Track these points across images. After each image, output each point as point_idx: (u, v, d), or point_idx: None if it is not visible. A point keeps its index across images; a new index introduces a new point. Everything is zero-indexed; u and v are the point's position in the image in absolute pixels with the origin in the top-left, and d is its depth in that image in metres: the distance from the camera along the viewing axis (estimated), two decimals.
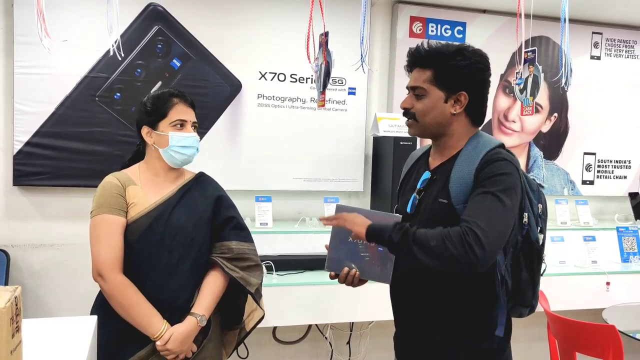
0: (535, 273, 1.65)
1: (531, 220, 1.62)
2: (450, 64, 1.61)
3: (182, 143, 1.96)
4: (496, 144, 1.63)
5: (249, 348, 3.16)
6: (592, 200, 3.98)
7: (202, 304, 1.96)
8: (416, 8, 3.54)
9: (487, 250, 1.42)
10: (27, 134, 2.93)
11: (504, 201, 1.49)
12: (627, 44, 4.02)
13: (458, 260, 1.43)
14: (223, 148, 3.25)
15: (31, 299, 3.03)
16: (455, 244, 1.43)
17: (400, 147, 3.12)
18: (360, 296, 2.88)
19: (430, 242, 1.46)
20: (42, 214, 3.05)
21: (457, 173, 1.60)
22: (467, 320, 1.62)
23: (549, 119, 3.90)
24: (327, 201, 3.28)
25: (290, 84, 3.35)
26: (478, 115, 1.69)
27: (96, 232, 1.89)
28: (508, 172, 1.53)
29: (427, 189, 1.69)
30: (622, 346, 2.35)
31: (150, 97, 2.02)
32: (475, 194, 1.52)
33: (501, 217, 1.48)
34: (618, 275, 3.33)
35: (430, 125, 1.66)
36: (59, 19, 2.91)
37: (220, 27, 3.21)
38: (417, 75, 1.66)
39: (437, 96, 1.63)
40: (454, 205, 1.57)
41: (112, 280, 1.85)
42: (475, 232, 1.42)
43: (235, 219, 2.08)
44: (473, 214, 1.47)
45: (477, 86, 1.64)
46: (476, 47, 1.67)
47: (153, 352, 1.89)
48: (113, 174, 1.99)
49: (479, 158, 1.58)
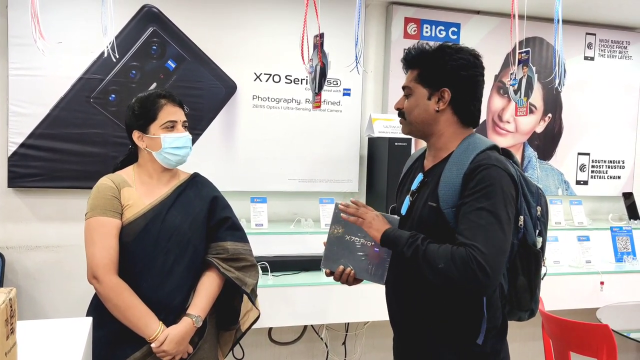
0: (533, 277, 1.64)
1: (528, 223, 1.61)
2: (433, 62, 1.64)
3: (175, 144, 1.96)
4: (487, 145, 1.61)
5: (245, 349, 3.15)
6: (586, 200, 4.00)
7: (198, 305, 1.96)
8: (411, 9, 3.55)
9: (491, 276, 1.45)
10: (22, 135, 2.92)
11: (499, 216, 1.48)
12: (621, 44, 4.04)
13: (463, 285, 1.49)
14: (218, 149, 3.26)
15: (26, 300, 3.02)
16: (460, 270, 1.45)
17: (395, 147, 3.13)
18: (356, 297, 2.89)
19: (439, 264, 1.48)
20: (37, 215, 3.05)
21: (446, 177, 1.59)
22: (457, 324, 1.62)
23: (543, 119, 3.91)
24: (323, 202, 3.28)
25: (285, 85, 3.35)
26: (467, 113, 1.67)
27: (91, 234, 1.89)
28: (497, 179, 1.51)
29: (420, 191, 1.70)
30: (616, 345, 2.36)
31: (138, 100, 2.01)
32: (468, 209, 1.51)
33: (499, 236, 1.48)
34: (612, 275, 3.34)
35: (416, 122, 1.69)
36: (54, 21, 2.91)
37: (215, 29, 3.21)
38: (408, 75, 1.72)
39: (421, 94, 1.66)
40: (442, 209, 1.57)
41: (107, 282, 1.85)
42: (478, 259, 1.43)
43: (231, 219, 2.09)
44: (471, 235, 1.47)
45: (460, 82, 1.63)
46: (465, 46, 1.68)
47: (149, 353, 1.88)
48: (107, 176, 1.99)
49: (468, 161, 1.57)
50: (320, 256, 1.79)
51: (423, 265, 1.51)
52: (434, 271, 1.50)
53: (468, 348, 1.62)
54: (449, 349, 1.63)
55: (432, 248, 1.51)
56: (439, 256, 1.49)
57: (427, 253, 1.50)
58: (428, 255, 1.50)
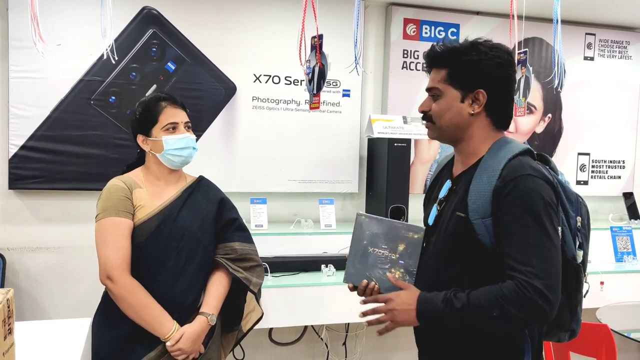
0: (572, 294, 1.50)
1: (566, 235, 1.47)
2: (464, 60, 1.49)
3: (177, 145, 1.97)
4: (520, 150, 1.48)
5: (245, 349, 3.16)
6: (587, 200, 3.88)
7: (210, 304, 1.99)
8: (410, 10, 3.56)
9: (552, 300, 1.34)
10: (23, 137, 2.94)
11: (547, 229, 1.37)
12: (620, 44, 4.04)
13: (527, 322, 1.39)
14: (218, 150, 3.27)
15: (27, 302, 3.03)
16: (518, 306, 1.33)
17: (394, 148, 3.13)
18: (356, 297, 2.89)
19: (493, 312, 1.36)
20: (38, 217, 3.06)
21: (476, 185, 1.46)
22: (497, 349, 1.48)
23: (543, 119, 3.91)
24: (322, 203, 3.29)
25: (284, 86, 3.36)
26: (501, 116, 1.54)
27: (103, 235, 1.89)
28: (536, 190, 1.39)
29: (448, 199, 1.58)
30: (615, 345, 2.36)
31: (139, 104, 2.03)
32: (512, 228, 1.38)
33: (551, 252, 1.36)
34: (612, 274, 3.33)
35: (447, 127, 1.54)
36: (54, 23, 2.93)
37: (215, 30, 3.22)
38: (434, 75, 1.57)
39: (453, 96, 1.52)
40: (471, 220, 1.44)
41: (122, 282, 1.85)
42: (534, 284, 1.32)
43: (238, 221, 2.12)
44: (522, 259, 1.35)
45: (496, 82, 1.50)
46: (495, 42, 1.54)
47: (163, 353, 1.90)
48: (117, 177, 2.01)
49: (499, 167, 1.44)
50: (320, 257, 1.80)
51: (476, 323, 1.39)
52: (490, 323, 1.38)
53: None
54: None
55: (475, 301, 1.38)
56: (488, 305, 1.37)
57: (473, 309, 1.38)
58: (475, 311, 1.38)
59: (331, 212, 3.26)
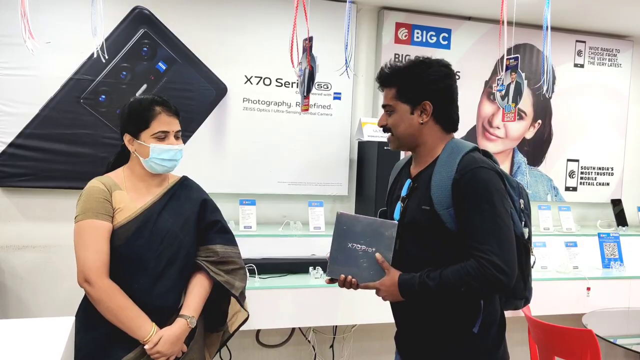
0: (524, 266, 1.73)
1: (514, 215, 1.69)
2: (409, 78, 1.73)
3: (163, 156, 1.94)
4: (469, 147, 1.71)
5: (232, 351, 3.16)
6: (575, 206, 4.02)
7: (191, 306, 1.97)
8: (402, 14, 3.57)
9: (509, 272, 1.56)
10: (11, 135, 2.92)
11: (500, 212, 1.59)
12: (610, 52, 4.07)
13: (490, 292, 1.67)
14: (208, 151, 3.26)
15: (13, 300, 3.01)
16: (481, 281, 1.56)
17: (384, 152, 3.14)
18: (343, 300, 2.89)
19: (461, 288, 1.59)
20: (25, 215, 3.04)
21: (437, 180, 1.67)
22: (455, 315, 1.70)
23: (533, 125, 3.93)
24: (312, 205, 3.28)
25: (275, 88, 3.36)
26: (448, 121, 1.77)
27: (82, 237, 1.87)
28: (489, 179, 1.62)
29: (410, 196, 1.78)
30: (600, 351, 2.37)
31: (132, 103, 1.98)
32: (470, 214, 1.60)
33: (505, 232, 1.59)
34: (599, 280, 3.36)
35: (403, 137, 1.77)
36: (44, 21, 2.91)
37: (206, 31, 3.22)
38: (386, 93, 1.79)
39: (404, 110, 1.75)
40: (437, 211, 1.65)
41: (100, 285, 1.84)
42: (493, 261, 1.55)
43: (220, 223, 2.10)
44: (481, 239, 1.57)
45: (439, 93, 1.72)
46: (437, 58, 1.77)
47: (142, 355, 1.88)
48: (97, 179, 1.97)
49: (455, 163, 1.66)
50: (308, 259, 1.81)
51: (447, 295, 1.64)
52: (460, 295, 1.62)
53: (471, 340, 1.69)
54: (448, 338, 1.71)
55: (445, 277, 1.60)
56: (455, 281, 1.59)
57: (444, 284, 1.60)
58: (446, 286, 1.60)
59: (320, 214, 3.26)
